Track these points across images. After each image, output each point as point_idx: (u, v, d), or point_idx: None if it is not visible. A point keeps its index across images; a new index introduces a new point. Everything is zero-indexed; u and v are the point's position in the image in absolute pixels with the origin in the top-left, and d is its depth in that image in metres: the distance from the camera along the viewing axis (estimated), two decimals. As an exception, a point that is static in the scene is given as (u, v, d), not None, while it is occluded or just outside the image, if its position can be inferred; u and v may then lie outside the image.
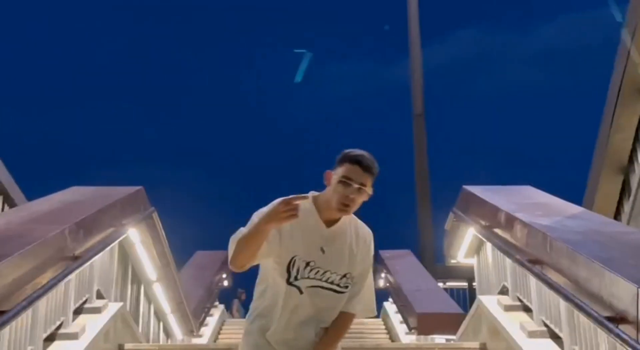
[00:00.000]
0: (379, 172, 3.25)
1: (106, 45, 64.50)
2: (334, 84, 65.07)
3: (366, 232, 3.43)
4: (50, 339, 6.17)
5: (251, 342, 3.35)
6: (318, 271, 3.25)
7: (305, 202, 3.23)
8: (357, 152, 3.25)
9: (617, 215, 10.95)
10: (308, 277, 3.24)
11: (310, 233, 3.26)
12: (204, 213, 46.88)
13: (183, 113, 64.30)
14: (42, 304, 5.73)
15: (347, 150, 3.28)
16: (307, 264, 3.24)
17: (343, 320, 3.37)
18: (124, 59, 64.17)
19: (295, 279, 3.24)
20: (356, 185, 3.17)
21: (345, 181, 3.18)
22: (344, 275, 3.29)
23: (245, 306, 15.44)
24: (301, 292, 3.25)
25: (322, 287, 3.26)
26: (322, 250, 3.26)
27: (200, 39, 65.73)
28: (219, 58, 66.03)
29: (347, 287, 3.29)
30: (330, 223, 3.30)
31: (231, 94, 64.00)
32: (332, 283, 3.27)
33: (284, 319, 3.27)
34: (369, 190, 3.22)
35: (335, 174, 3.22)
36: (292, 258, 3.24)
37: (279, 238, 3.21)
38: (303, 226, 3.23)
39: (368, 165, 3.21)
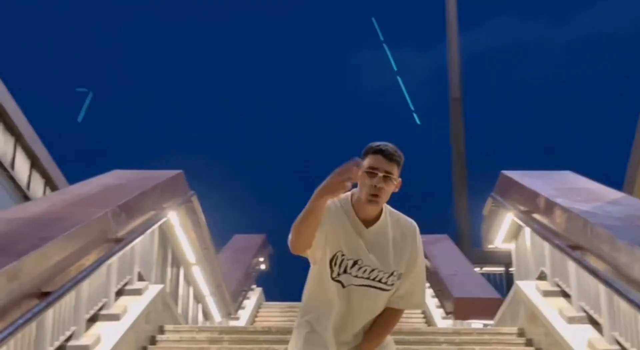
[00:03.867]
0: (404, 161, 3.25)
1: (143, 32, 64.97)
2: (371, 71, 64.92)
3: (409, 225, 3.40)
4: (93, 319, 6.29)
5: (302, 334, 3.37)
6: (366, 270, 3.25)
7: (345, 203, 3.29)
8: (379, 143, 3.27)
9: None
10: (356, 276, 3.25)
11: (352, 233, 3.26)
12: (242, 198, 47.18)
13: (221, 102, 64.61)
14: (85, 285, 5.84)
15: (370, 144, 3.29)
16: (355, 262, 3.24)
17: (392, 315, 3.38)
18: (166, 45, 64.60)
19: (339, 274, 3.25)
20: (381, 174, 3.17)
21: (370, 171, 3.18)
22: (392, 273, 3.28)
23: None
24: (344, 286, 3.25)
25: (370, 286, 3.26)
26: (368, 250, 3.26)
27: (231, 28, 66.03)
28: (256, 46, 66.19)
29: (393, 284, 3.29)
30: (369, 223, 3.29)
31: (269, 84, 64.18)
32: (380, 281, 3.27)
33: (331, 313, 3.28)
34: (395, 178, 3.22)
35: (361, 168, 3.19)
36: (335, 254, 3.25)
37: (324, 234, 3.23)
38: (344, 226, 3.26)
39: (390, 153, 3.21)
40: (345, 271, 3.24)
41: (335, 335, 3.29)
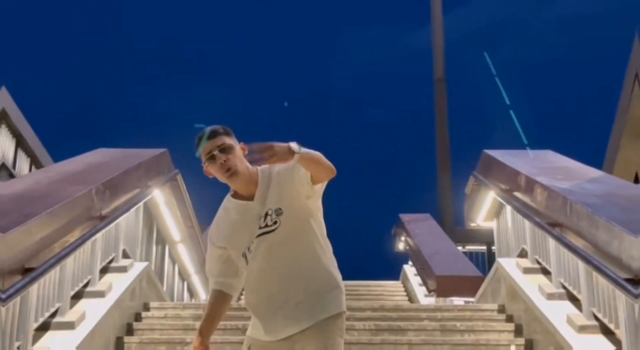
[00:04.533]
0: (226, 129, 3.23)
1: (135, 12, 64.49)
2: (355, 51, 64.79)
3: (282, 166, 3.12)
4: (77, 296, 6.32)
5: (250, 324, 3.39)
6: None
7: (226, 203, 3.31)
8: (198, 135, 3.24)
9: (636, 180, 10.94)
10: (252, 243, 3.21)
11: (244, 220, 3.22)
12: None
13: (209, 78, 64.36)
14: (69, 262, 5.86)
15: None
16: (258, 236, 3.20)
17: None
18: (152, 23, 64.18)
19: (245, 257, 3.24)
20: (216, 151, 3.15)
21: (207, 158, 3.17)
22: (266, 214, 3.18)
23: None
24: (247, 262, 3.23)
25: (259, 235, 3.17)
26: (263, 216, 3.18)
27: (216, 10, 65.70)
28: (242, 24, 65.88)
29: (275, 223, 3.16)
30: (251, 195, 3.22)
31: (254, 62, 63.96)
32: (260, 228, 3.18)
33: (258, 290, 3.26)
34: (230, 145, 3.18)
35: (204, 164, 3.22)
36: (244, 255, 3.23)
37: (228, 253, 3.30)
38: (235, 222, 3.26)
39: (210, 133, 3.19)
40: (251, 251, 3.22)
41: (271, 309, 3.21)
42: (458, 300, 11.38)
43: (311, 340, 3.10)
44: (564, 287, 6.63)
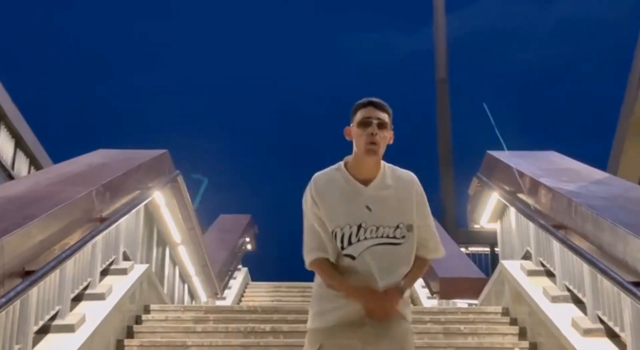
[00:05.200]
0: (392, 112, 3.32)
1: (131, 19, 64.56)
2: (357, 54, 64.81)
3: (407, 175, 3.39)
4: (77, 299, 6.27)
5: (321, 301, 3.33)
6: (372, 230, 3.23)
7: (336, 171, 3.32)
8: (365, 98, 3.34)
9: (642, 181, 10.89)
10: (366, 238, 3.22)
11: (350, 198, 3.26)
12: (228, 178, 47.10)
13: (209, 82, 64.38)
14: (69, 264, 5.81)
15: (355, 104, 3.36)
16: (359, 227, 3.22)
17: (419, 265, 3.36)
18: (147, 27, 64.25)
19: (342, 248, 3.23)
20: (375, 121, 3.24)
21: (364, 121, 3.25)
22: (397, 226, 3.25)
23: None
24: (354, 259, 3.22)
25: (379, 244, 3.23)
26: (369, 209, 3.24)
27: (215, 13, 65.75)
28: (240, 30, 65.97)
29: (403, 237, 3.25)
30: (367, 182, 3.29)
31: (253, 66, 63.99)
32: (387, 237, 3.24)
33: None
34: (390, 125, 3.29)
35: (353, 123, 3.30)
36: (333, 231, 3.24)
37: (323, 221, 3.26)
38: (338, 194, 3.27)
39: (379, 102, 3.30)
40: (350, 242, 3.22)
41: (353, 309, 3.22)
42: (461, 303, 11.33)
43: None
44: (569, 290, 6.57)
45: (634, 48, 10.69)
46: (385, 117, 3.27)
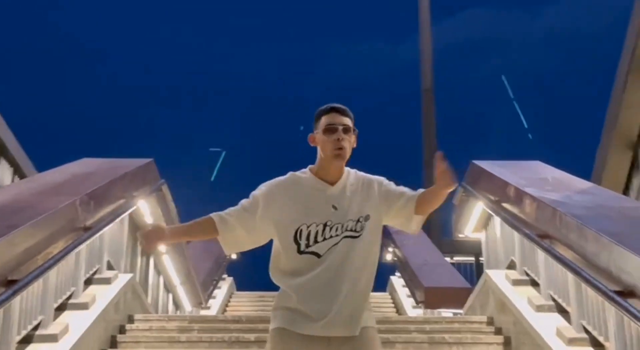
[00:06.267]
0: (354, 116, 3.43)
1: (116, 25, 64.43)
2: (343, 64, 64.95)
3: (375, 177, 3.51)
4: (61, 308, 6.23)
5: (279, 316, 3.39)
6: (337, 228, 3.29)
7: (300, 175, 3.43)
8: (327, 105, 3.44)
9: (625, 191, 10.92)
10: (331, 237, 3.28)
11: (314, 197, 3.35)
12: (212, 187, 47.04)
13: (193, 91, 64.36)
14: (53, 274, 5.78)
15: (318, 109, 3.46)
16: (325, 225, 3.28)
17: (426, 196, 3.59)
18: (135, 33, 64.14)
19: (307, 246, 3.27)
20: (340, 127, 3.34)
21: (329, 128, 3.35)
22: (358, 220, 3.32)
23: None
24: (319, 256, 3.27)
25: (345, 237, 3.29)
26: (335, 207, 3.32)
27: (205, 20, 65.82)
28: (229, 38, 66.02)
29: (363, 229, 3.32)
30: (333, 183, 3.39)
31: (240, 74, 63.98)
32: (350, 230, 3.30)
33: (308, 286, 3.28)
34: (354, 129, 3.39)
35: (318, 130, 3.40)
36: (298, 229, 3.28)
37: (270, 220, 3.34)
38: (302, 195, 3.36)
39: (342, 108, 3.41)
40: (316, 240, 3.27)
41: (316, 306, 3.26)
42: (446, 312, 11.34)
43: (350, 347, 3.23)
44: (554, 300, 6.59)
45: (618, 58, 10.73)
46: (349, 122, 3.39)
